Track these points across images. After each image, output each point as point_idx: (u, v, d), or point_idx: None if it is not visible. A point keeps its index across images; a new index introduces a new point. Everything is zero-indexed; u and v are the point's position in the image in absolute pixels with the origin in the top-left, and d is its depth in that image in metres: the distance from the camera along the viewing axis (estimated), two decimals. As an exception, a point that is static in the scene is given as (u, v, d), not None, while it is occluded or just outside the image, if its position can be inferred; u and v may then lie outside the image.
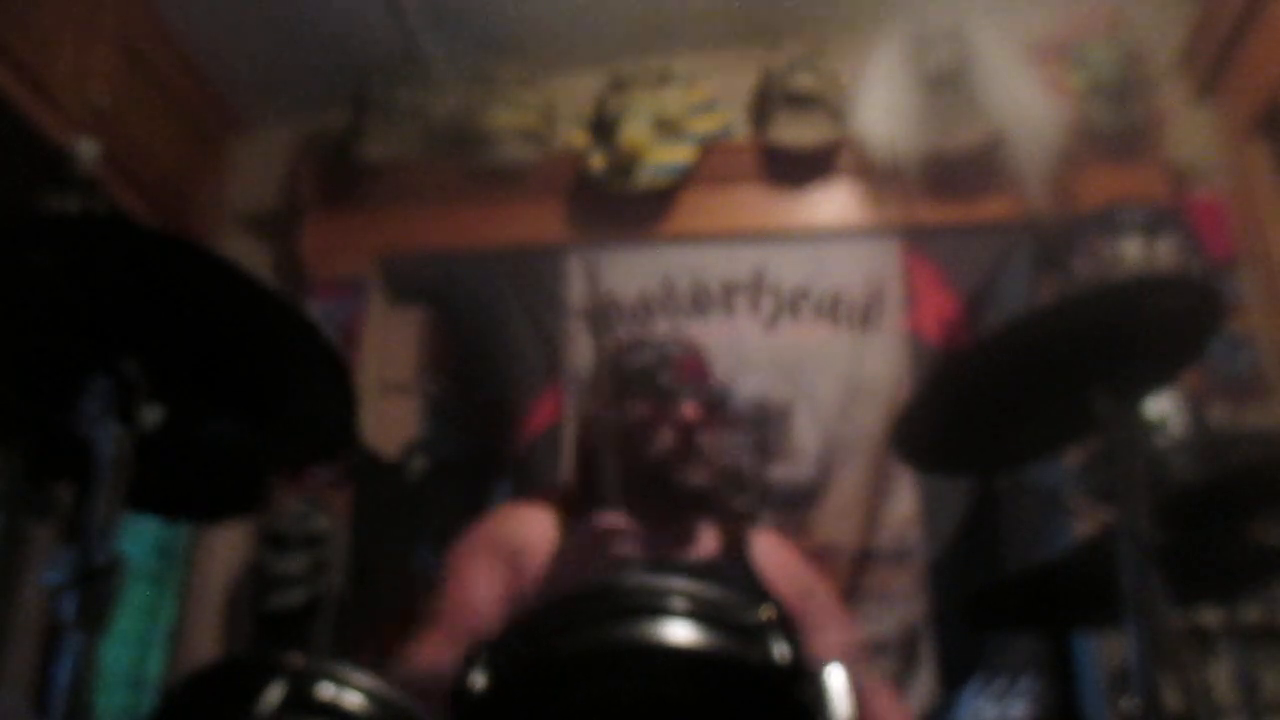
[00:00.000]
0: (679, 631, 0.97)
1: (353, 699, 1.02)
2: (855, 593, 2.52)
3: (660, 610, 0.98)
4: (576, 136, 2.91)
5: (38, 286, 1.09)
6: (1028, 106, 2.69)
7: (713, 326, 2.77)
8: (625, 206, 2.86)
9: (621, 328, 2.79)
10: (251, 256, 3.02)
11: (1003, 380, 1.33)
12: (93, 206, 2.36)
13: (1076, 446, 2.16)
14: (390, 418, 2.77)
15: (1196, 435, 2.31)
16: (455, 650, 1.48)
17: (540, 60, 3.00)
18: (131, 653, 2.67)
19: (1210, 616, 2.18)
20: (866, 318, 2.74)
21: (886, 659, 2.45)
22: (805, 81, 2.81)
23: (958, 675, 2.36)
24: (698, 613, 0.98)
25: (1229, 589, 1.86)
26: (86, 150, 2.36)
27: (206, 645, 2.65)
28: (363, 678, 1.04)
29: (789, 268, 2.80)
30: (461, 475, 2.72)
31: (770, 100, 2.87)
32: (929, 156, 2.71)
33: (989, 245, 2.74)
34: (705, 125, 2.89)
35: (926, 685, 2.44)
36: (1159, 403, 2.31)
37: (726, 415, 2.55)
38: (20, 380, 1.20)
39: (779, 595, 1.66)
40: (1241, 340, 2.52)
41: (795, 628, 1.00)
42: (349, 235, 2.97)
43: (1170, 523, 1.25)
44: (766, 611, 1.00)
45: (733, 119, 2.94)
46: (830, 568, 2.51)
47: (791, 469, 2.64)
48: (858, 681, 0.97)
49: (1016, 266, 2.71)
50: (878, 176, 2.77)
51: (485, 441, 2.78)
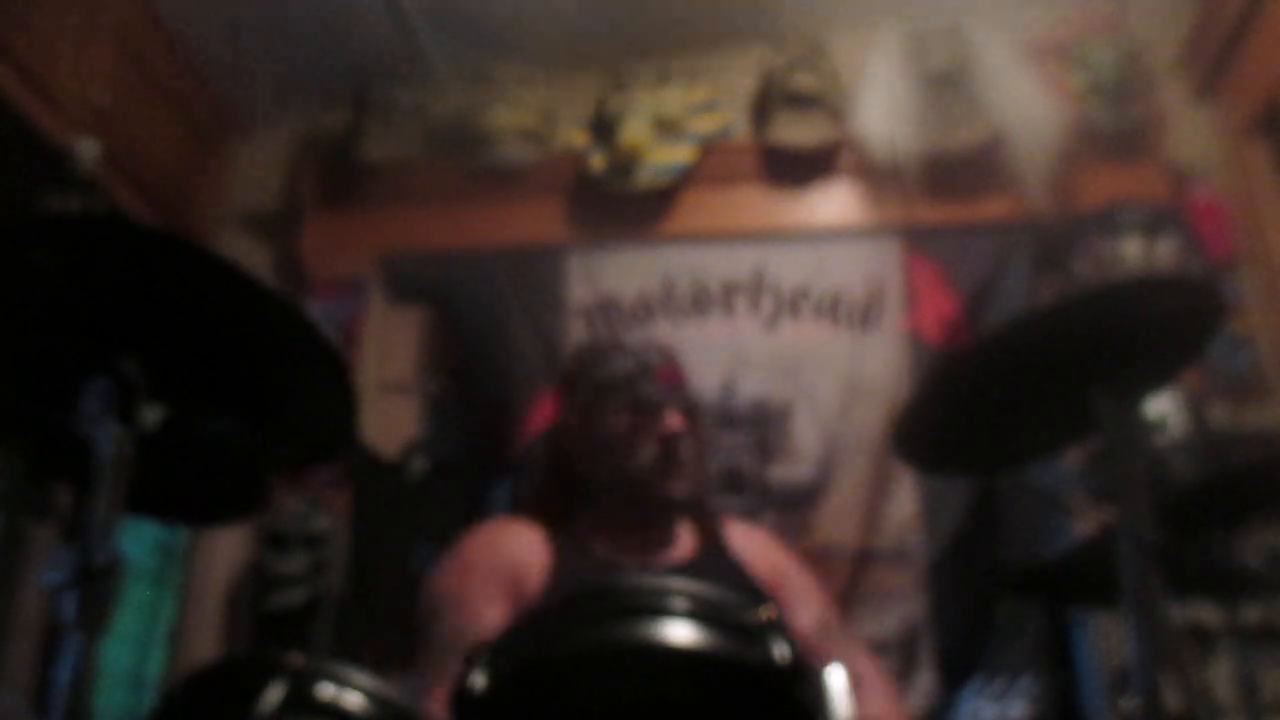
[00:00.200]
0: (679, 631, 0.96)
1: (353, 699, 1.02)
2: (855, 593, 2.52)
3: (660, 610, 0.98)
4: (576, 136, 2.91)
5: (38, 286, 1.09)
6: (1028, 106, 2.69)
7: (713, 326, 2.77)
8: (625, 206, 2.86)
9: (622, 328, 2.79)
10: (251, 256, 3.02)
11: (1003, 380, 1.33)
12: (93, 206, 2.36)
13: (1076, 446, 2.16)
14: (390, 418, 2.77)
15: (1196, 435, 2.31)
16: None
17: (540, 60, 3.00)
18: (131, 653, 2.67)
19: (1210, 616, 2.18)
20: (866, 318, 2.74)
21: (887, 659, 2.45)
22: (805, 81, 2.81)
23: (958, 675, 2.37)
24: (697, 613, 0.98)
25: (1229, 589, 1.86)
26: (86, 150, 2.36)
27: (206, 645, 2.65)
28: (363, 678, 1.04)
29: (789, 268, 2.80)
30: (461, 475, 2.72)
31: (770, 100, 2.87)
32: (929, 156, 2.71)
33: (989, 245, 2.74)
34: (705, 125, 2.89)
35: (927, 685, 2.44)
36: (1159, 403, 2.31)
37: (713, 419, 2.55)
38: (20, 380, 1.20)
39: (759, 582, 1.67)
40: (1241, 340, 2.52)
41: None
42: (349, 235, 2.97)
43: (1170, 523, 1.25)
44: (766, 611, 1.00)
45: (733, 119, 2.94)
46: (830, 568, 2.51)
47: (791, 469, 2.64)
48: (835, 650, 0.97)
49: (1016, 266, 2.71)
50: (878, 176, 2.77)
51: (485, 441, 2.78)
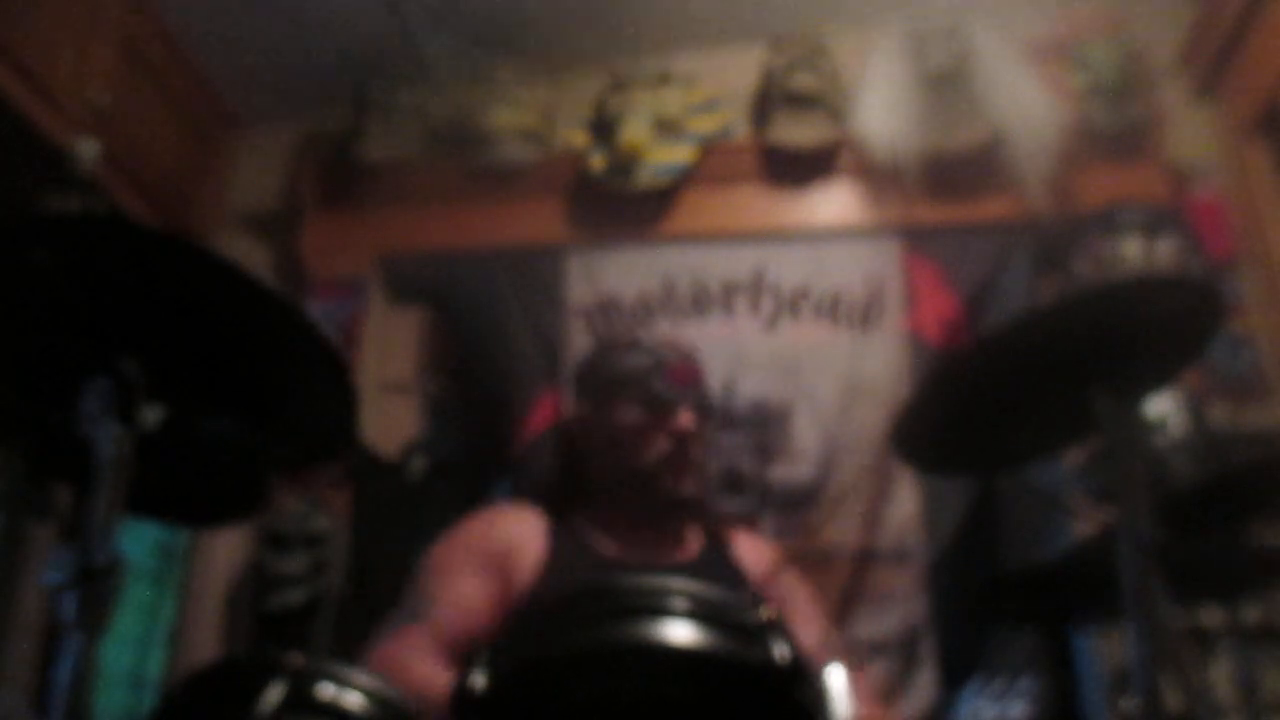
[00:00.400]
0: (679, 631, 0.97)
1: (353, 699, 1.02)
2: (856, 593, 2.52)
3: (660, 610, 0.98)
4: (576, 136, 2.91)
5: (38, 286, 1.09)
6: (1028, 106, 2.69)
7: (713, 327, 2.77)
8: (625, 206, 2.86)
9: (622, 328, 2.79)
10: (251, 256, 3.03)
11: (1003, 380, 1.33)
12: (93, 206, 2.36)
13: (1076, 446, 2.16)
14: (390, 418, 2.77)
15: (1196, 435, 2.31)
16: (439, 651, 1.46)
17: (540, 60, 3.00)
18: (131, 653, 2.67)
19: (1210, 616, 2.18)
20: (866, 318, 2.74)
21: (887, 659, 2.45)
22: (805, 81, 2.81)
23: (958, 675, 2.37)
24: (698, 613, 0.98)
25: (1229, 589, 1.86)
26: (86, 150, 2.36)
27: (206, 645, 2.65)
28: (363, 678, 1.04)
29: (789, 268, 2.80)
30: (461, 475, 2.72)
31: (770, 100, 2.87)
32: (929, 156, 2.71)
33: (989, 245, 2.74)
34: (705, 125, 2.89)
35: (927, 685, 2.44)
36: (1159, 403, 2.31)
37: (717, 421, 2.55)
38: (20, 380, 1.20)
39: (760, 591, 1.66)
40: (1241, 340, 2.52)
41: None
42: (349, 235, 2.97)
43: (1170, 523, 1.25)
44: (767, 612, 1.00)
45: (733, 119, 2.94)
46: (831, 568, 2.51)
47: (792, 469, 2.64)
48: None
49: (1016, 266, 2.71)
50: (878, 176, 2.77)
51: (485, 441, 2.78)
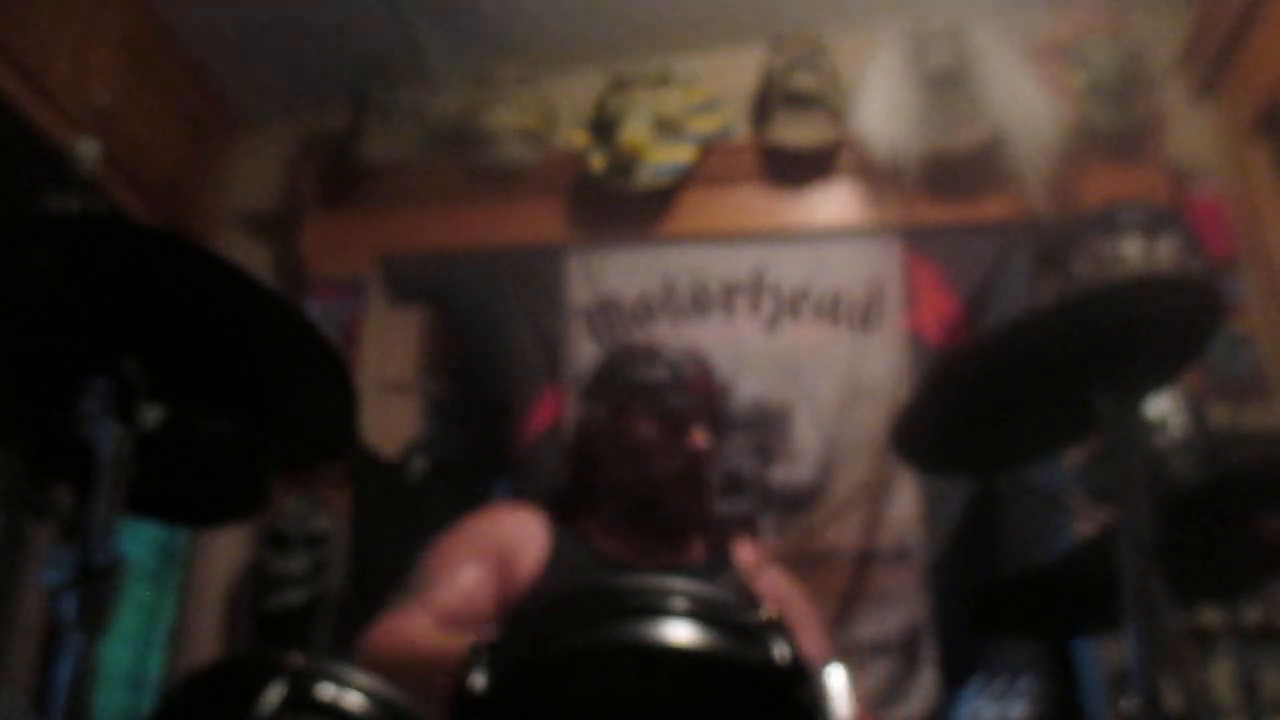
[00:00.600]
0: (679, 631, 0.97)
1: (353, 699, 1.02)
2: (857, 594, 2.52)
3: (660, 610, 0.98)
4: (576, 136, 2.91)
5: (38, 286, 1.09)
6: (1028, 106, 2.69)
7: (713, 327, 2.77)
8: (625, 206, 2.86)
9: (622, 329, 2.79)
10: (251, 256, 3.03)
11: (1003, 380, 1.33)
12: (93, 206, 2.36)
13: (1076, 446, 2.16)
14: (390, 418, 2.77)
15: (1196, 435, 2.31)
16: (437, 629, 1.46)
17: (540, 60, 3.00)
18: (131, 653, 2.67)
19: (1210, 616, 2.18)
20: (866, 318, 2.74)
21: (888, 659, 2.45)
22: (805, 81, 2.81)
23: (958, 675, 2.37)
24: (698, 613, 0.98)
25: (1229, 589, 1.86)
26: (86, 150, 2.36)
27: (206, 645, 2.65)
28: (363, 678, 1.04)
29: (789, 268, 2.80)
30: (461, 475, 2.72)
31: (770, 100, 2.87)
32: (929, 156, 2.71)
33: (989, 245, 2.74)
34: (705, 125, 2.89)
35: (927, 685, 2.44)
36: (1159, 403, 2.31)
37: (729, 433, 2.55)
38: (20, 380, 1.20)
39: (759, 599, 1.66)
40: (1241, 340, 2.52)
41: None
42: (349, 235, 2.97)
43: (1170, 523, 1.25)
44: (767, 612, 1.00)
45: (733, 119, 2.95)
46: (831, 569, 2.51)
47: (792, 470, 2.64)
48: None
49: (1016, 266, 2.71)
50: (878, 176, 2.77)
51: (485, 441, 2.78)
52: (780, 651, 0.96)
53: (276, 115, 3.16)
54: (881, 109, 2.75)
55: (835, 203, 2.86)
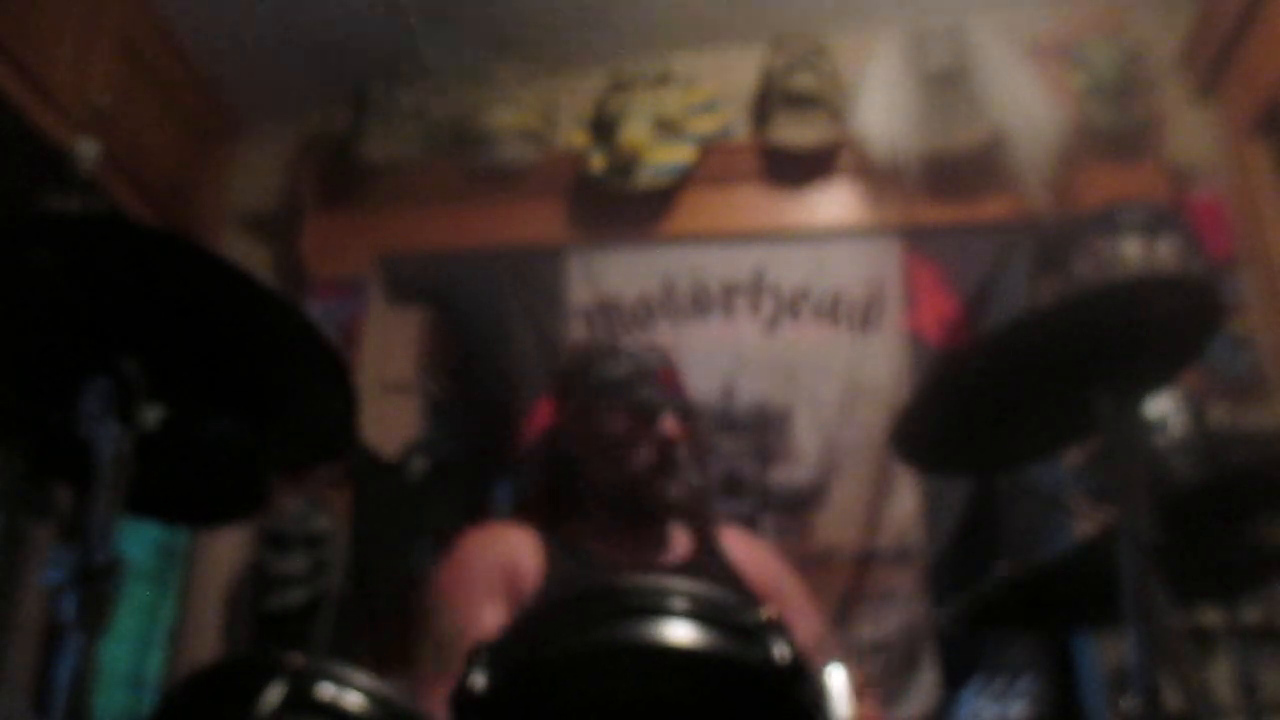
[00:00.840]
0: (679, 631, 0.96)
1: (353, 699, 1.02)
2: (857, 594, 2.52)
3: (660, 610, 0.98)
4: (576, 136, 2.91)
5: (38, 286, 1.09)
6: (1028, 106, 2.69)
7: (713, 328, 2.77)
8: (625, 206, 2.86)
9: (622, 329, 2.79)
10: (251, 256, 3.03)
11: (1003, 380, 1.33)
12: (93, 206, 2.36)
13: (1076, 446, 2.16)
14: (390, 418, 2.77)
15: (1196, 435, 2.31)
16: None
17: (540, 60, 3.00)
18: (131, 653, 2.67)
19: (1210, 616, 2.18)
20: (866, 318, 2.74)
21: (888, 659, 2.45)
22: (805, 81, 2.81)
23: (959, 675, 2.37)
24: (697, 613, 0.98)
25: (1229, 589, 1.86)
26: (86, 150, 2.36)
27: (206, 645, 2.65)
28: (363, 678, 1.04)
29: (789, 268, 2.80)
30: (461, 475, 2.71)
31: (770, 100, 2.87)
32: (929, 156, 2.71)
33: (989, 245, 2.74)
34: (705, 125, 2.89)
35: (927, 685, 2.44)
36: (1159, 403, 2.31)
37: (709, 423, 2.55)
38: (20, 380, 1.20)
39: (752, 588, 1.66)
40: (1241, 340, 2.52)
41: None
42: (349, 235, 2.97)
43: (1170, 523, 1.25)
44: (767, 612, 1.00)
45: (733, 119, 2.95)
46: (832, 569, 2.51)
47: (792, 471, 2.64)
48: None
49: (1016, 266, 2.71)
50: (878, 176, 2.77)
51: (485, 441, 2.78)
52: (780, 651, 0.96)
53: (276, 115, 3.16)
54: (881, 109, 2.76)
55: (835, 203, 2.86)
